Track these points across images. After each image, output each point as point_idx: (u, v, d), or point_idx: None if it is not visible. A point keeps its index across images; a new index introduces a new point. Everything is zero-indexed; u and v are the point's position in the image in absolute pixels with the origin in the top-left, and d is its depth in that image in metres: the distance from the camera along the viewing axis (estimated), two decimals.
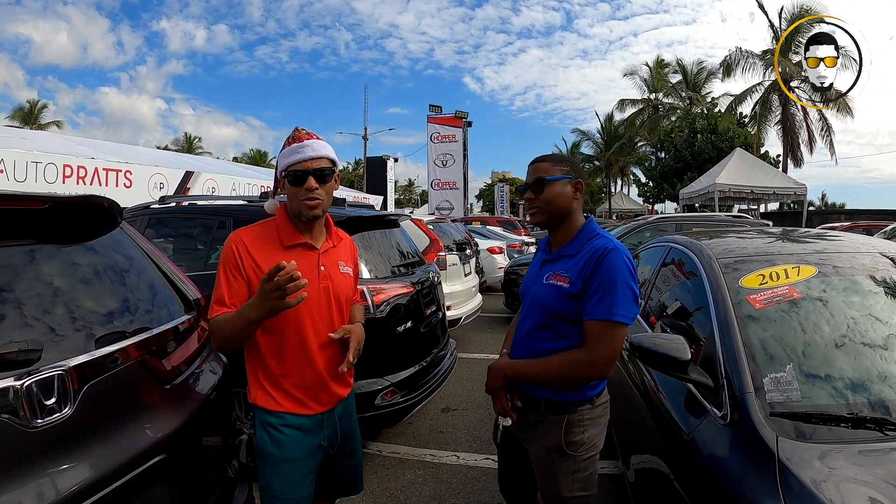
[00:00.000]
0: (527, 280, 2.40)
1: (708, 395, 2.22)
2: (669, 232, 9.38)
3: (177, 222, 5.19)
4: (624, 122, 44.61)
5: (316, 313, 2.19)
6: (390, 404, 3.86)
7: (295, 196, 2.13)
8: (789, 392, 2.03)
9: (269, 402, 2.16)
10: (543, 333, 2.18)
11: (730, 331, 2.30)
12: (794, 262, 2.68)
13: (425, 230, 8.11)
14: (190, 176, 13.52)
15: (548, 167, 2.22)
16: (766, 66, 29.44)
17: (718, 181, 19.42)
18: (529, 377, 2.16)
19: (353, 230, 4.16)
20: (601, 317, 2.01)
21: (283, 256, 2.00)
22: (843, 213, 25.47)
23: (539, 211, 2.23)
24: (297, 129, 2.23)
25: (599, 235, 2.19)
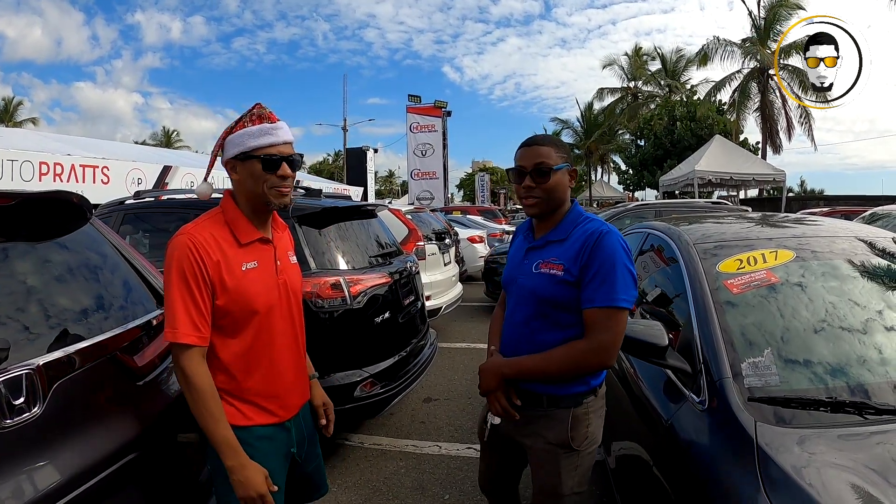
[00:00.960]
0: (510, 270, 2.26)
1: (686, 381, 2.21)
2: (649, 219, 9.40)
3: (153, 217, 5.10)
4: (604, 111, 44.70)
5: (278, 311, 1.99)
6: (370, 396, 3.82)
7: (263, 182, 1.87)
8: (768, 377, 2.02)
9: (236, 417, 1.88)
10: (539, 324, 2.06)
11: (707, 316, 2.29)
12: (772, 246, 2.67)
13: (404, 220, 8.05)
14: (168, 171, 13.41)
15: (551, 153, 2.05)
16: (745, 54, 29.59)
17: (698, 168, 19.54)
18: (529, 373, 2.03)
19: (330, 221, 4.12)
20: (603, 303, 1.91)
21: (242, 256, 1.90)
22: (821, 199, 25.73)
23: (540, 201, 2.07)
24: (259, 105, 1.97)
25: (589, 218, 2.09)
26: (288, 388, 2.02)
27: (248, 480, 1.79)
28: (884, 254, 2.68)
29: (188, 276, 1.76)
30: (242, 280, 1.86)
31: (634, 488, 2.49)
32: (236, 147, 1.88)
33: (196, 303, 1.77)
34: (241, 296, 1.85)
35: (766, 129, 30.10)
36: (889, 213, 8.66)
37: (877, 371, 2.06)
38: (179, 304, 1.75)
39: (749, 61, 29.84)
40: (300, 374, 2.11)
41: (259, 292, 1.90)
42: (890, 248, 2.73)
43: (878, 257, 2.66)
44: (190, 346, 1.76)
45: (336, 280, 3.74)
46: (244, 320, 1.88)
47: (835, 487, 1.54)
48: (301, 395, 2.12)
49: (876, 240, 2.81)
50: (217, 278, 1.81)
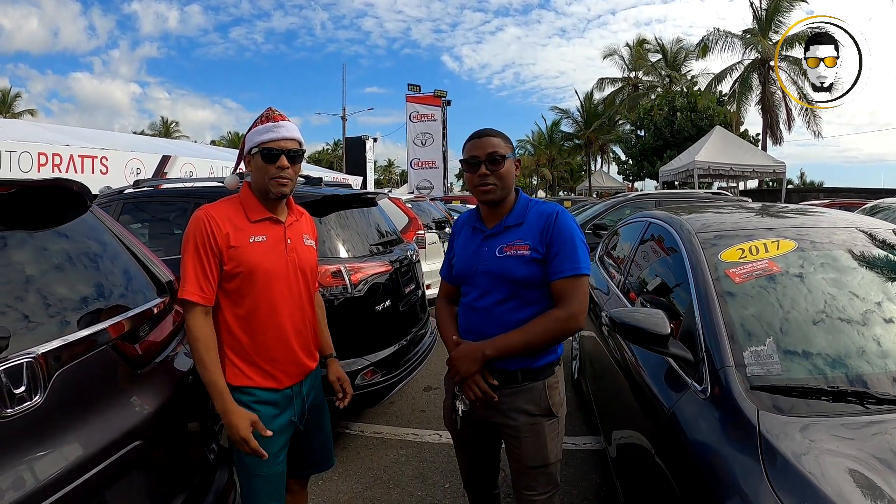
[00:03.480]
0: (465, 262, 2.32)
1: (688, 369, 2.21)
2: (649, 209, 9.39)
3: (152, 206, 5.08)
4: (604, 101, 44.67)
5: (284, 284, 2.23)
6: (371, 384, 3.82)
7: (265, 173, 2.17)
8: (770, 366, 2.02)
9: (239, 378, 2.16)
10: (511, 305, 2.17)
11: (709, 305, 2.29)
12: (773, 236, 2.67)
13: (404, 209, 8.05)
14: (167, 160, 13.42)
15: (500, 143, 2.21)
16: (746, 45, 29.50)
17: (698, 159, 19.51)
18: (511, 349, 2.11)
19: (330, 209, 4.10)
20: (570, 272, 2.09)
21: (252, 230, 2.18)
22: (821, 192, 25.69)
23: (496, 187, 2.19)
24: (270, 108, 2.27)
25: (538, 202, 2.27)
26: (290, 356, 2.25)
27: (234, 426, 2.05)
28: (884, 245, 2.69)
29: (199, 245, 2.09)
30: (248, 249, 2.14)
31: (636, 476, 2.50)
32: (248, 144, 2.22)
33: (204, 268, 2.09)
34: (244, 261, 2.12)
35: (766, 120, 30.03)
36: (890, 206, 8.65)
37: (877, 362, 2.06)
38: (190, 267, 2.08)
39: (750, 52, 29.74)
40: (305, 345, 2.32)
41: (261, 262, 2.16)
42: (890, 239, 2.75)
43: (879, 248, 2.67)
44: (194, 303, 2.07)
45: (337, 268, 3.74)
46: (247, 284, 2.14)
47: (837, 475, 1.54)
48: (304, 366, 2.32)
49: (876, 231, 2.82)
50: (225, 247, 2.10)
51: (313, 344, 2.41)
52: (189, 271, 2.09)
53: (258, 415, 2.14)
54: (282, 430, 2.24)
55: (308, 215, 2.51)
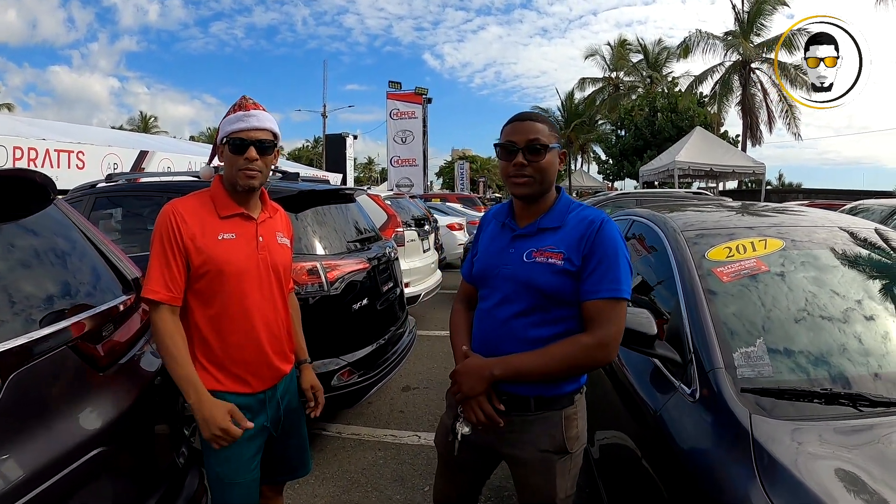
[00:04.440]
0: (487, 260, 2.04)
1: (676, 370, 2.15)
2: (630, 207, 9.40)
3: (126, 201, 4.95)
4: (584, 101, 44.78)
5: (255, 284, 2.13)
6: (347, 385, 3.72)
7: (233, 164, 2.07)
8: (760, 367, 1.96)
9: (209, 382, 2.05)
10: (533, 319, 1.88)
11: (697, 305, 2.22)
12: (759, 235, 2.62)
13: (383, 206, 7.93)
14: (145, 156, 13.26)
15: (545, 131, 1.90)
16: (728, 47, 29.78)
17: (678, 159, 19.59)
18: (525, 373, 1.83)
19: (307, 204, 3.99)
20: (607, 294, 1.79)
21: (220, 227, 2.08)
22: (800, 192, 25.97)
23: (532, 181, 1.89)
24: (244, 97, 2.17)
25: (581, 206, 1.98)
26: (262, 359, 2.14)
27: (211, 417, 1.94)
28: (868, 244, 2.66)
29: (165, 241, 1.99)
30: (216, 247, 2.04)
31: (620, 478, 2.43)
32: (220, 134, 2.12)
33: (170, 265, 1.99)
34: (212, 260, 2.02)
35: (746, 121, 30.34)
36: (869, 208, 8.77)
37: (869, 362, 2.02)
38: (156, 265, 2.00)
39: (731, 54, 30.02)
40: (278, 347, 2.21)
41: (230, 260, 2.06)
42: (874, 238, 2.72)
43: (864, 247, 2.64)
44: (159, 302, 1.98)
45: (312, 265, 3.63)
46: (216, 284, 2.04)
47: (832, 480, 1.49)
48: (277, 370, 2.21)
49: (860, 230, 2.80)
50: (192, 244, 2.00)
51: (287, 346, 2.29)
52: (154, 269, 2.00)
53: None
54: (255, 435, 2.13)
55: (283, 212, 2.40)
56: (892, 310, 2.31)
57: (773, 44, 28.18)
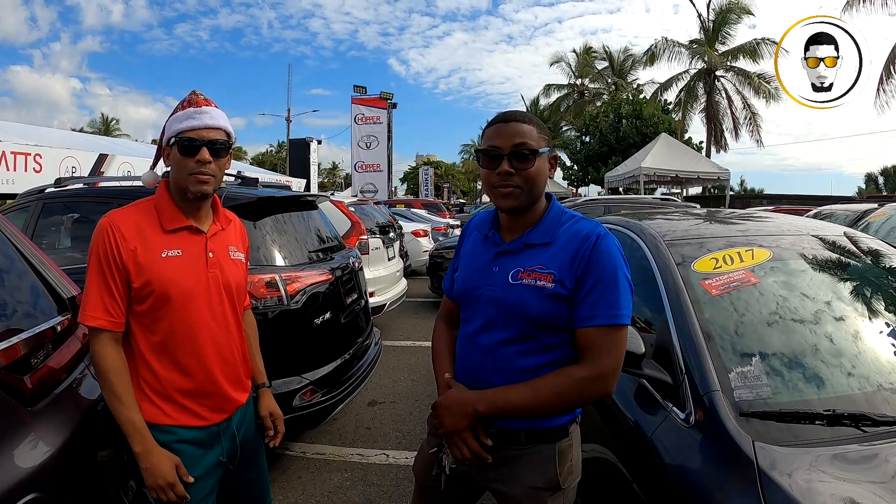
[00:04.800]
0: (469, 277, 1.81)
1: (666, 392, 1.98)
2: (598, 214, 9.33)
3: (76, 207, 4.64)
4: (549, 107, 45.08)
5: (205, 306, 1.90)
6: (310, 404, 3.48)
7: (183, 168, 1.84)
8: (758, 388, 1.82)
9: (157, 416, 1.82)
10: (522, 347, 1.67)
11: (687, 321, 2.06)
12: (743, 244, 2.51)
13: (347, 213, 7.71)
14: (104, 159, 12.90)
15: (533, 133, 1.67)
16: (693, 55, 30.47)
17: (644, 165, 19.74)
18: (512, 409, 1.63)
19: (266, 212, 3.75)
20: (604, 321, 1.57)
21: (165, 242, 1.84)
22: (764, 198, 26.50)
23: (519, 191, 1.66)
24: (194, 92, 1.93)
25: (575, 216, 1.74)
26: (214, 389, 1.92)
27: (156, 468, 1.74)
28: (847, 252, 2.57)
29: (102, 259, 1.76)
30: (159, 266, 1.81)
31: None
32: (167, 133, 1.88)
33: (109, 287, 1.76)
34: (155, 281, 1.79)
35: (710, 128, 31.04)
36: (833, 213, 8.95)
37: (871, 378, 1.90)
38: (93, 286, 1.76)
39: (696, 62, 30.70)
40: (232, 375, 1.99)
41: (176, 280, 1.82)
42: (848, 245, 2.64)
43: (850, 257, 2.54)
44: (100, 329, 1.75)
45: (271, 278, 3.38)
46: (160, 308, 1.81)
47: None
48: (233, 400, 1.98)
49: (845, 238, 2.71)
50: (132, 263, 1.77)
51: (243, 373, 2.06)
52: (92, 291, 1.76)
53: (182, 456, 1.82)
54: (209, 472, 1.91)
55: (238, 222, 2.17)
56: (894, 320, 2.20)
57: (738, 52, 28.96)
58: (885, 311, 2.25)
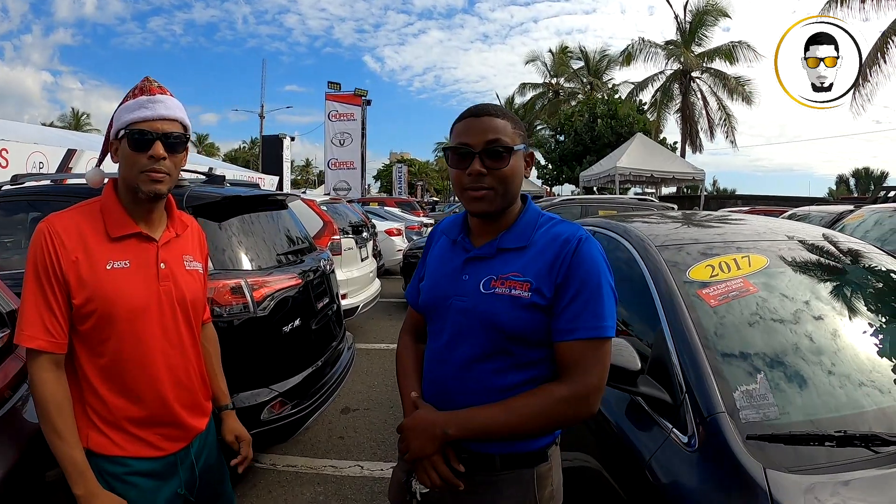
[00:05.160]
0: (438, 285, 1.64)
1: (664, 411, 1.83)
2: (575, 214, 9.23)
3: (32, 207, 4.29)
4: (524, 105, 45.15)
5: (157, 324, 1.69)
6: (280, 417, 3.27)
7: (133, 165, 1.62)
8: (765, 408, 1.69)
9: (106, 446, 1.63)
10: (496, 364, 1.51)
11: (686, 335, 1.91)
12: (737, 250, 2.39)
13: (318, 212, 7.48)
14: (73, 154, 12.46)
15: (507, 128, 1.51)
16: (669, 55, 30.67)
17: (619, 164, 19.78)
18: (487, 432, 1.46)
19: (232, 212, 3.54)
20: (587, 334, 1.42)
21: (110, 252, 1.63)
22: (738, 199, 26.77)
23: (493, 194, 1.50)
24: (146, 78, 1.72)
25: (553, 219, 1.59)
26: (169, 416, 1.72)
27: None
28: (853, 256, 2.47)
29: (41, 270, 1.56)
30: (104, 280, 1.60)
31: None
32: (116, 125, 1.67)
33: (48, 303, 1.56)
34: (98, 298, 1.58)
35: (685, 129, 31.29)
36: (808, 214, 9.02)
37: (884, 392, 1.79)
38: (30, 302, 1.56)
39: (672, 63, 30.92)
40: (189, 400, 1.79)
41: (122, 296, 1.61)
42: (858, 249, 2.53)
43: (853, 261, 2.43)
44: (39, 351, 1.55)
45: (237, 283, 3.16)
46: (105, 327, 1.61)
47: None
48: (191, 427, 1.79)
49: (841, 242, 2.60)
50: (73, 276, 1.57)
51: (202, 395, 1.87)
52: (29, 307, 1.56)
53: (131, 490, 1.64)
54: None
55: (196, 227, 1.96)
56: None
57: (714, 54, 29.34)
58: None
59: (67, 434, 1.55)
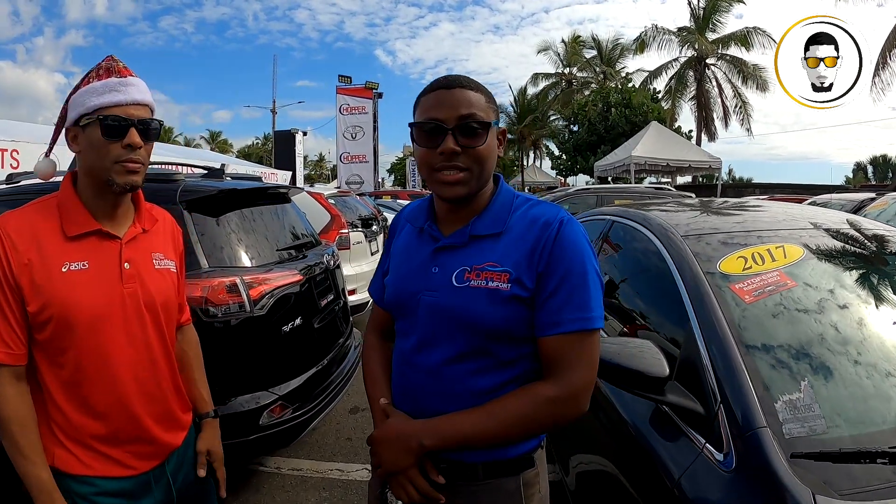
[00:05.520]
0: (404, 280, 1.48)
1: (695, 422, 1.63)
2: (590, 204, 9.01)
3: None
4: (537, 96, 44.78)
5: (121, 332, 1.54)
6: (280, 422, 3.10)
7: (106, 155, 1.46)
8: (812, 422, 1.48)
9: (73, 465, 1.50)
10: (474, 365, 1.36)
11: (720, 337, 1.71)
12: (772, 240, 2.17)
13: (326, 205, 7.28)
14: None
15: (481, 102, 1.36)
16: (683, 42, 30.23)
17: (634, 154, 19.49)
18: (468, 440, 1.32)
19: (230, 206, 3.36)
20: (574, 326, 1.29)
21: (66, 252, 1.48)
22: (756, 187, 26.37)
23: (468, 176, 1.34)
24: (111, 57, 1.55)
25: (530, 200, 1.45)
26: (138, 432, 1.58)
27: None
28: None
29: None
30: (59, 284, 1.46)
31: None
32: (77, 109, 1.49)
33: (2, 311, 1.43)
34: (54, 303, 1.45)
35: (701, 117, 30.83)
36: (828, 202, 8.85)
37: None
38: None
39: (686, 50, 30.49)
40: (162, 413, 1.65)
41: (81, 301, 1.47)
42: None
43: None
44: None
45: (232, 281, 2.99)
46: (65, 336, 1.47)
47: None
48: (164, 443, 1.65)
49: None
50: (26, 280, 1.43)
51: (178, 407, 1.72)
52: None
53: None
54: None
55: (169, 221, 1.80)
56: None
57: (729, 40, 28.91)
58: None
59: (32, 453, 1.44)
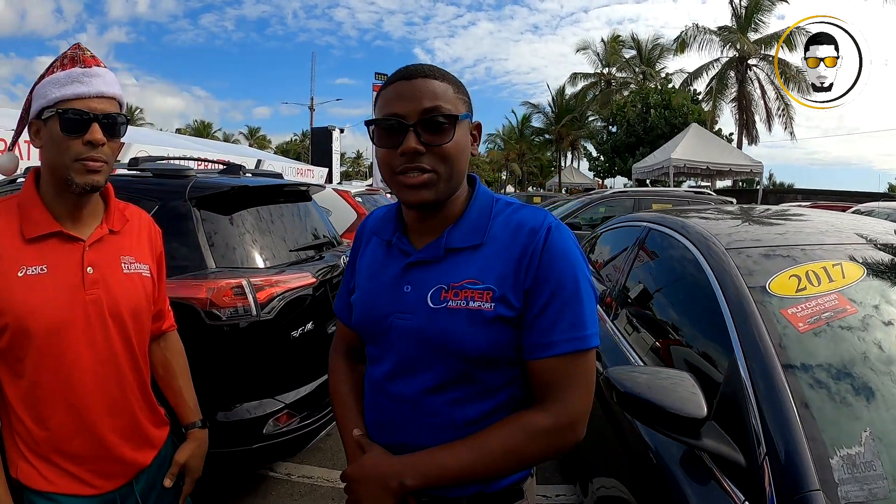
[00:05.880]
0: (371, 301, 1.30)
1: (734, 474, 1.40)
2: (627, 207, 8.71)
3: None
4: (575, 96, 44.40)
5: (83, 341, 1.42)
6: (285, 431, 2.95)
7: (65, 151, 1.35)
8: (872, 482, 1.25)
9: (35, 479, 1.41)
10: (456, 395, 1.20)
11: (770, 375, 1.47)
12: (828, 256, 1.90)
13: (353, 204, 7.16)
14: (120, 147, 12.66)
15: (448, 93, 1.18)
16: (724, 42, 29.50)
17: (674, 156, 19.05)
18: (453, 478, 1.17)
19: (242, 204, 3.22)
20: (567, 347, 1.13)
21: (23, 256, 1.37)
22: (798, 193, 25.61)
23: (436, 178, 1.16)
24: (77, 45, 1.48)
25: (512, 203, 1.28)
26: (101, 450, 1.47)
27: None
28: None
29: None
30: (15, 289, 1.35)
31: None
32: (38, 101, 1.40)
33: None
34: (9, 311, 1.34)
35: (742, 119, 30.11)
36: (873, 210, 8.52)
37: None
38: None
39: (728, 50, 29.76)
40: (129, 429, 1.53)
41: (38, 308, 1.36)
42: None
43: None
44: None
45: (238, 283, 2.83)
46: (21, 345, 1.37)
47: None
48: (129, 463, 1.53)
49: None
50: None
51: (148, 422, 1.59)
52: None
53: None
54: None
55: (146, 219, 1.69)
56: None
57: (772, 40, 28.15)
58: None
59: None
